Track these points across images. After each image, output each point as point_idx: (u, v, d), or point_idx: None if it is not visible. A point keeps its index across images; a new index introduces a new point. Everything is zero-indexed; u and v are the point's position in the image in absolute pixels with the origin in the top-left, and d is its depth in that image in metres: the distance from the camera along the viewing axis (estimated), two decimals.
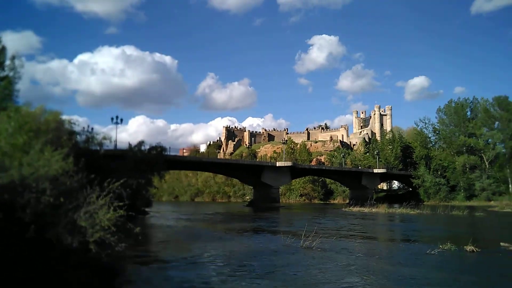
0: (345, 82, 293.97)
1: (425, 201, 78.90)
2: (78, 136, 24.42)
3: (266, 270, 13.52)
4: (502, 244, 18.48)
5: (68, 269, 10.40)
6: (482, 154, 78.98)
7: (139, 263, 14.32)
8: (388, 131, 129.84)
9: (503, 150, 78.54)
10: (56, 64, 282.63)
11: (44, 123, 13.07)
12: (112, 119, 44.24)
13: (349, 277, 12.67)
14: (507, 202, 56.57)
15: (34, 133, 11.95)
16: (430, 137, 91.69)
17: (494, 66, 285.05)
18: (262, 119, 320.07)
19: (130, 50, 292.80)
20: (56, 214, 10.80)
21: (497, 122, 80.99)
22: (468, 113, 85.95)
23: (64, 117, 16.35)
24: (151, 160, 36.11)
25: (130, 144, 38.53)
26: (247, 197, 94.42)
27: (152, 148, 38.76)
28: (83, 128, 27.37)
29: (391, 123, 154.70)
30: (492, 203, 66.40)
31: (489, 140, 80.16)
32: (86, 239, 10.62)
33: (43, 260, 9.80)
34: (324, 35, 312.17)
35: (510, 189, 74.68)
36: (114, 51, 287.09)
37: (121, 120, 44.55)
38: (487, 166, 78.46)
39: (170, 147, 48.50)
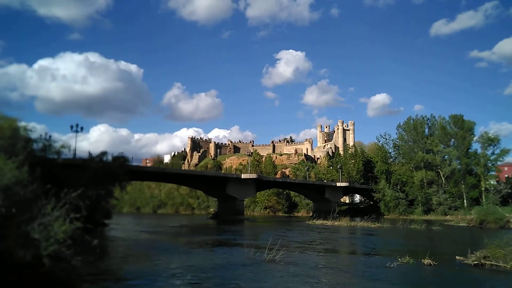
0: (311, 96, 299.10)
1: (386, 214, 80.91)
2: (34, 144, 23.32)
3: (226, 285, 13.31)
4: (457, 257, 19.10)
5: (19, 284, 9.84)
6: (439, 170, 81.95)
7: (97, 279, 13.75)
8: (351, 145, 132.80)
9: (459, 167, 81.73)
10: (14, 68, 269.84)
11: None
12: (71, 127, 42.58)
13: None
14: (462, 217, 58.68)
15: None
16: (390, 153, 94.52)
17: (451, 86, 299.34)
18: (229, 130, 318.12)
19: (94, 57, 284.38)
20: (8, 226, 10.25)
21: (452, 140, 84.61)
22: (426, 130, 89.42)
23: (20, 124, 15.64)
24: (112, 171, 35.00)
25: (90, 154, 37.23)
26: (212, 209, 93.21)
27: (114, 158, 37.62)
28: (40, 135, 26.21)
29: (354, 138, 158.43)
30: (448, 217, 68.74)
31: (446, 156, 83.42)
32: (40, 253, 10.10)
33: None
34: (291, 50, 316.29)
35: (465, 204, 77.64)
36: (77, 57, 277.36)
37: (81, 128, 42.83)
38: (444, 182, 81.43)
39: (133, 157, 47.18)
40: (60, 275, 10.87)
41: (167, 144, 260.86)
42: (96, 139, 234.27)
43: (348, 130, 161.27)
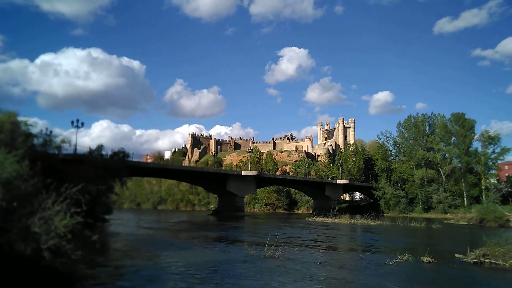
0: (313, 94, 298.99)
1: (386, 212, 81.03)
2: (35, 139, 23.35)
3: (227, 280, 13.34)
4: (456, 255, 19.14)
5: (19, 277, 9.89)
6: (440, 168, 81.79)
7: (97, 274, 13.79)
8: (351, 143, 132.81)
9: (459, 165, 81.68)
10: (17, 63, 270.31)
11: None
12: (72, 122, 42.51)
13: (309, 287, 12.71)
14: (462, 215, 58.61)
15: None
16: (391, 150, 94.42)
17: (453, 84, 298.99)
18: (230, 127, 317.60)
19: (96, 52, 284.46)
20: (8, 220, 10.30)
21: (453, 138, 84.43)
22: (427, 128, 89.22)
23: (21, 118, 15.65)
24: (113, 166, 35.08)
25: (90, 149, 37.31)
26: (212, 206, 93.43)
27: (114, 153, 37.68)
28: (41, 130, 26.22)
29: (355, 135, 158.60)
30: (448, 215, 68.72)
31: (446, 154, 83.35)
32: (40, 246, 10.14)
33: None
34: (294, 48, 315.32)
35: (465, 202, 77.68)
36: (80, 53, 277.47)
37: (82, 123, 42.76)
38: (444, 180, 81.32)
39: (133, 153, 47.32)
40: (61, 269, 10.93)
41: (168, 140, 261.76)
42: (98, 135, 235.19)
43: (349, 127, 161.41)
